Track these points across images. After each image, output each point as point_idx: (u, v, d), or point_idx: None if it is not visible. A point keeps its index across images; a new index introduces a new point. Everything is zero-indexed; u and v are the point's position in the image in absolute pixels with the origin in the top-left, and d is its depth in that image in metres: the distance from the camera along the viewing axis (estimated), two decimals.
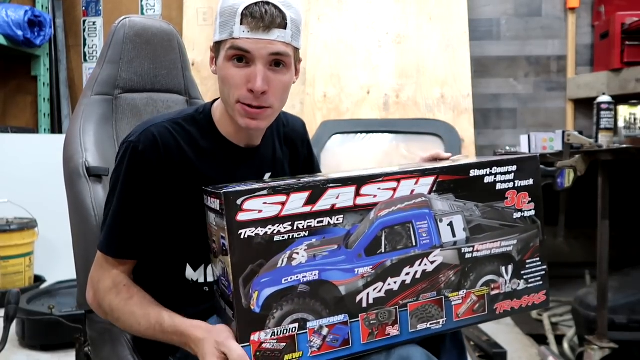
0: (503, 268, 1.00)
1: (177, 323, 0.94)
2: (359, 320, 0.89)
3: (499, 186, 1.00)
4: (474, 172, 0.98)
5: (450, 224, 0.95)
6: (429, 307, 0.94)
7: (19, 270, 2.86)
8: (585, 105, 3.26)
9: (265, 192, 0.84)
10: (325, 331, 0.87)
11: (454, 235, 0.95)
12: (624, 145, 2.15)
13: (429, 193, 0.94)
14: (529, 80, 3.42)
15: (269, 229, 0.84)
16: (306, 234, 0.86)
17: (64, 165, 1.27)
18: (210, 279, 1.07)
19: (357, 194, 0.89)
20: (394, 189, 0.91)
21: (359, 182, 0.89)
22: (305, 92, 3.16)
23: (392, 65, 3.14)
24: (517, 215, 1.01)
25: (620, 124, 2.41)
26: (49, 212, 2.67)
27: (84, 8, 3.73)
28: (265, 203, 0.83)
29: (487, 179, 0.99)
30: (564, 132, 2.43)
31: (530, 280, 1.03)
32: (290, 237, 0.85)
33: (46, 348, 2.35)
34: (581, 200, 2.70)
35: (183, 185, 1.02)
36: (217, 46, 1.02)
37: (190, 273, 1.07)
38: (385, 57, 3.15)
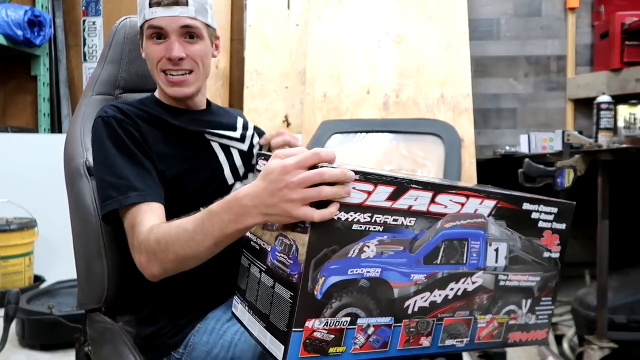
0: (524, 301, 1.02)
1: (222, 200, 0.88)
2: (401, 326, 0.89)
3: (540, 224, 1.02)
4: (526, 206, 0.99)
5: (497, 250, 0.96)
6: (459, 325, 0.94)
7: (19, 270, 2.86)
8: (585, 105, 3.26)
9: (358, 177, 0.80)
10: (371, 330, 0.86)
11: (496, 262, 0.96)
12: (624, 145, 2.15)
13: (488, 216, 0.94)
14: (529, 80, 3.42)
15: (351, 215, 0.81)
16: (381, 230, 0.84)
17: (65, 165, 1.27)
18: None
19: (433, 201, 0.87)
20: (462, 204, 0.91)
21: (436, 189, 0.87)
22: (305, 92, 3.16)
23: (392, 65, 3.14)
24: (547, 254, 1.03)
25: (620, 124, 2.41)
26: (49, 212, 2.67)
27: (84, 8, 3.73)
28: (354, 188, 0.80)
29: (534, 215, 1.00)
30: (564, 132, 2.43)
31: (540, 317, 1.06)
32: (367, 229, 0.83)
33: (46, 348, 2.35)
34: (581, 200, 2.70)
35: (157, 135, 1.14)
36: (140, 32, 1.19)
37: None
38: (385, 57, 3.15)
